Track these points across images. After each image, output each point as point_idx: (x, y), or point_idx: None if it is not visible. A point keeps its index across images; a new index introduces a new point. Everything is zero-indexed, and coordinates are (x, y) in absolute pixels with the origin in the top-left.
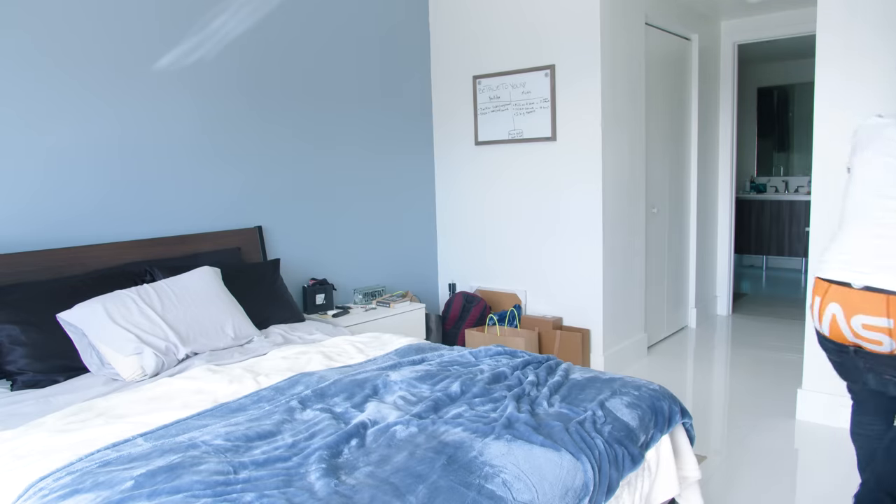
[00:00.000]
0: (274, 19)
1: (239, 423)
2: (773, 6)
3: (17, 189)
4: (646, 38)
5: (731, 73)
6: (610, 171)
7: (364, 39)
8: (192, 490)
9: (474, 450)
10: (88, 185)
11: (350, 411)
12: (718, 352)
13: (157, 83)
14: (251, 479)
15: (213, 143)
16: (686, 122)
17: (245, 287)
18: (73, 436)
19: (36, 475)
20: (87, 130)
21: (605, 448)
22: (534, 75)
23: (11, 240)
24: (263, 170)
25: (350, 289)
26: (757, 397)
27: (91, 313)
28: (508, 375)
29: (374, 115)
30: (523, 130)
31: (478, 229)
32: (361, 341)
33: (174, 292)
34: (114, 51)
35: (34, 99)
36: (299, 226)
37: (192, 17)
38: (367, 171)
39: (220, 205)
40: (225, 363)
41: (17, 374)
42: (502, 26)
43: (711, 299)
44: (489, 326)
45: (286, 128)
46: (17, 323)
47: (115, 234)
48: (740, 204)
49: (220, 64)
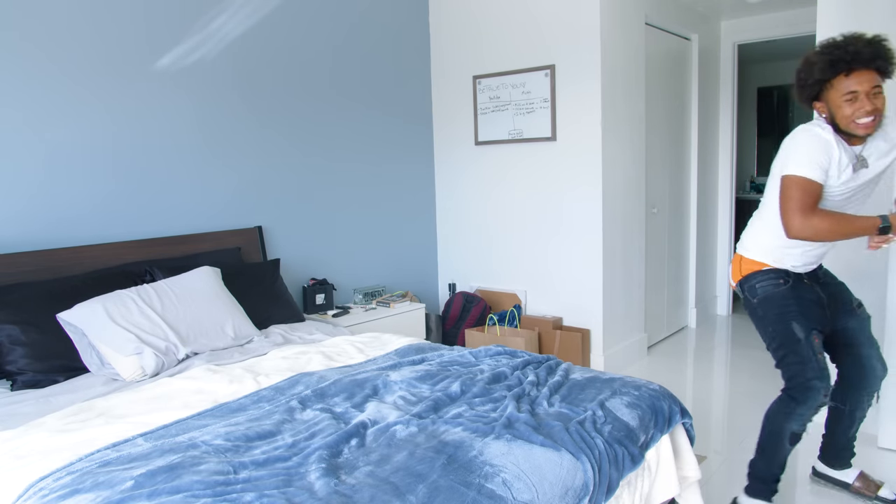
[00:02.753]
0: (273, 20)
1: (239, 423)
2: (773, 6)
3: (17, 189)
4: (646, 38)
5: (731, 73)
6: (610, 171)
7: (364, 39)
8: (192, 490)
9: (474, 449)
10: (88, 185)
11: (350, 411)
12: (718, 352)
13: (157, 83)
14: (251, 479)
15: (213, 143)
16: (686, 122)
17: (245, 287)
18: (73, 436)
19: (36, 475)
20: (87, 130)
21: (605, 448)
22: (534, 75)
23: (11, 240)
24: (263, 170)
25: (350, 289)
26: (757, 397)
27: (91, 313)
28: (508, 375)
29: (375, 114)
30: (523, 130)
31: (478, 229)
32: (361, 341)
33: (174, 292)
34: (114, 52)
35: (34, 99)
36: (299, 226)
37: (192, 18)
38: (366, 171)
39: (220, 205)
40: (225, 363)
41: (17, 374)
42: (502, 26)
43: (711, 299)
44: (489, 326)
45: (286, 127)
46: (17, 323)
47: (115, 234)
48: (740, 204)
49: (220, 64)
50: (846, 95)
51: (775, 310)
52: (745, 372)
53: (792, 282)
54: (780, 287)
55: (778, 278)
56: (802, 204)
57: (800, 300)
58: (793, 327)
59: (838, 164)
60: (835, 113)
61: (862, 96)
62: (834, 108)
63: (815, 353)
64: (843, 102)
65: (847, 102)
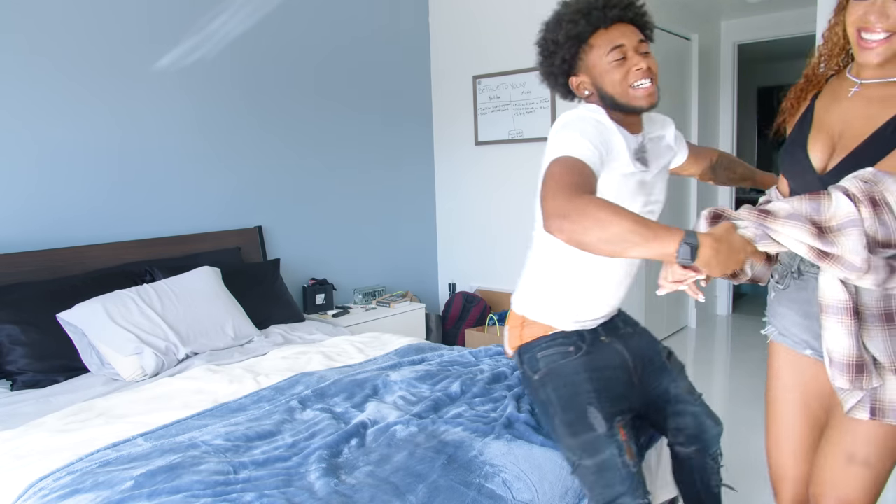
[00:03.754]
0: (273, 20)
1: (239, 423)
2: (773, 6)
3: (17, 189)
4: None
5: (731, 73)
6: None
7: (364, 39)
8: (192, 490)
9: (474, 449)
10: (88, 185)
11: (350, 411)
12: (718, 352)
13: (158, 83)
14: (251, 479)
15: (213, 143)
16: (686, 122)
17: (245, 287)
18: (73, 436)
19: (36, 475)
20: (87, 130)
21: None
22: (534, 75)
23: (11, 240)
24: (263, 170)
25: (350, 289)
26: (757, 397)
27: (91, 313)
28: (508, 375)
29: (375, 114)
30: (523, 130)
31: (478, 229)
32: (361, 341)
33: (174, 292)
34: (114, 52)
35: (33, 99)
36: (299, 226)
37: (192, 18)
38: (366, 171)
39: (220, 205)
40: (225, 363)
41: (17, 374)
42: (502, 26)
43: (711, 299)
44: (489, 326)
45: (286, 128)
46: (17, 323)
47: (115, 234)
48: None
49: (220, 64)
50: (612, 53)
51: (564, 390)
52: (744, 372)
53: (586, 347)
54: (569, 357)
55: (567, 345)
56: (567, 181)
57: (597, 374)
58: (589, 416)
59: (615, 149)
60: (602, 82)
61: (631, 52)
62: (600, 77)
63: (621, 453)
64: (611, 65)
65: (616, 64)
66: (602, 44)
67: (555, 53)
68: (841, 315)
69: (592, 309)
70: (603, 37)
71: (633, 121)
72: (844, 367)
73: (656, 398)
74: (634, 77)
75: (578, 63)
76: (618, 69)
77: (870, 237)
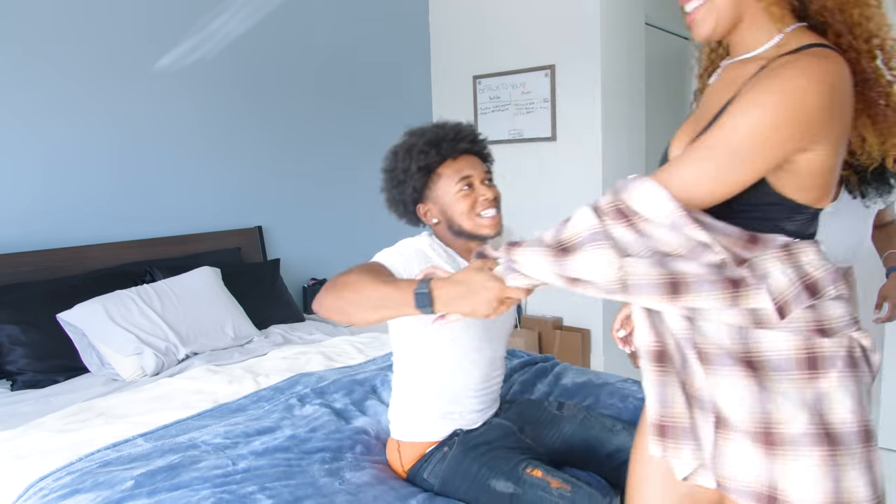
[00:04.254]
0: (273, 20)
1: (238, 424)
2: None
3: (17, 189)
4: (646, 38)
5: None
6: (610, 171)
7: (364, 39)
8: (192, 486)
9: None
10: (88, 186)
11: (349, 408)
12: None
13: (158, 83)
14: (251, 469)
15: (213, 142)
16: None
17: (245, 287)
18: (73, 436)
19: (36, 475)
20: (87, 130)
21: None
22: (534, 75)
23: (12, 240)
24: (263, 170)
25: None
26: None
27: (91, 313)
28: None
29: (375, 114)
30: (523, 130)
31: None
32: (361, 341)
33: (174, 292)
34: (114, 52)
35: (33, 99)
36: (299, 226)
37: (192, 18)
38: (366, 170)
39: (220, 205)
40: (225, 363)
41: (17, 374)
42: (502, 26)
43: None
44: None
45: (286, 127)
46: (17, 323)
47: (115, 234)
48: None
49: (220, 64)
50: (460, 182)
51: (463, 483)
52: None
53: (459, 438)
54: (448, 455)
55: (443, 447)
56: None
57: (483, 448)
58: (494, 486)
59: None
60: (451, 211)
61: (478, 183)
62: (448, 206)
63: (546, 489)
64: (459, 194)
65: (463, 193)
66: (451, 173)
67: (404, 182)
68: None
69: (470, 407)
70: (451, 167)
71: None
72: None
73: (567, 448)
74: (482, 206)
75: (426, 192)
76: (465, 199)
77: (638, 249)
